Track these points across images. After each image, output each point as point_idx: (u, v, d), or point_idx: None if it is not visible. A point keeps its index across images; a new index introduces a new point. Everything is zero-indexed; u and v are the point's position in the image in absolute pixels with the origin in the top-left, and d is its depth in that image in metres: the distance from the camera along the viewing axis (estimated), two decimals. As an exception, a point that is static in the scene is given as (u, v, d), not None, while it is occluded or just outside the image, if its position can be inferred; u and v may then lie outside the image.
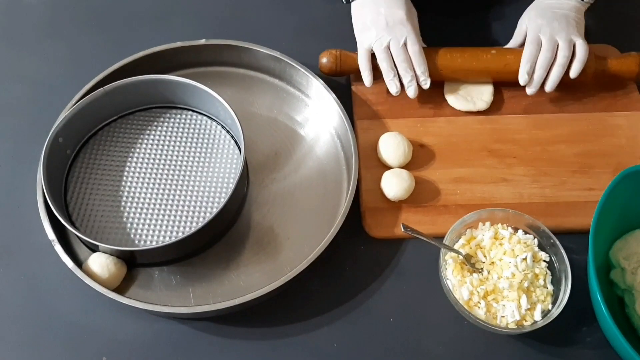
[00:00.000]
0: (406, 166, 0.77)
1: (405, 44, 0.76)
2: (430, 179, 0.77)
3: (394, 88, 0.78)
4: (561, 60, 0.76)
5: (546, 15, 0.78)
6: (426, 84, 0.78)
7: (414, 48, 0.76)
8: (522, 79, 0.77)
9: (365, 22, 0.78)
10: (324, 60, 0.82)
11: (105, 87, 0.75)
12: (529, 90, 0.78)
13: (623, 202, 0.68)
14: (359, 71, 0.80)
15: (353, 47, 0.86)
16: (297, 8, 0.95)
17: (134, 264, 0.70)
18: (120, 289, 0.68)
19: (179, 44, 0.82)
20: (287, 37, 0.90)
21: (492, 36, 0.92)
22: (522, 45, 0.80)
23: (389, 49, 0.77)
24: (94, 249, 0.69)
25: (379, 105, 0.83)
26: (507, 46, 0.84)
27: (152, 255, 0.70)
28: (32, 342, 0.67)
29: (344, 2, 0.82)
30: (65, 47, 0.91)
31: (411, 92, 0.78)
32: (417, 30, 0.78)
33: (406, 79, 0.77)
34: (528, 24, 0.79)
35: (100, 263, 0.67)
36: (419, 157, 0.78)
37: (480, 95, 0.82)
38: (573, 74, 0.77)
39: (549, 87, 0.78)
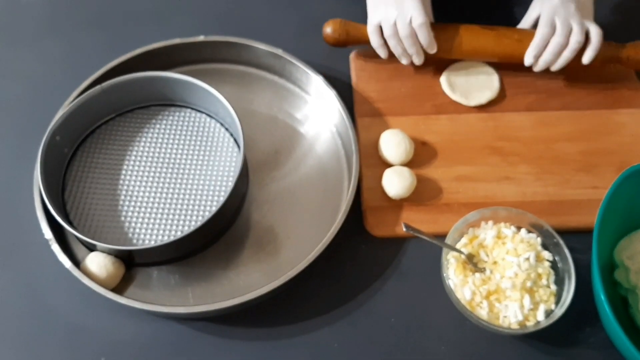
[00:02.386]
0: (408, 164, 0.76)
1: (411, 20, 0.76)
2: (432, 177, 0.76)
3: (404, 60, 0.80)
4: (574, 45, 0.75)
5: None
6: (433, 49, 0.78)
7: (417, 22, 0.75)
8: (527, 61, 0.78)
9: (375, 0, 0.79)
10: (328, 29, 0.82)
11: (102, 84, 0.74)
12: (536, 69, 0.79)
13: (627, 201, 0.68)
14: (364, 42, 0.81)
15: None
16: (297, 4, 0.94)
17: (133, 263, 0.70)
18: (118, 289, 0.68)
19: (177, 40, 0.81)
20: (287, 33, 0.90)
21: (506, 15, 0.91)
22: (534, 26, 0.79)
23: (395, 25, 0.77)
24: (91, 248, 0.69)
25: (380, 102, 0.82)
26: (519, 25, 0.82)
27: (151, 255, 0.69)
28: (29, 343, 0.67)
29: None
30: (62, 44, 0.90)
31: (417, 60, 0.80)
32: (424, 5, 0.77)
33: (412, 51, 0.78)
34: (542, 5, 0.78)
35: (98, 263, 0.66)
36: (421, 155, 0.77)
37: (480, 91, 0.82)
38: (586, 60, 0.77)
39: (555, 67, 0.78)
